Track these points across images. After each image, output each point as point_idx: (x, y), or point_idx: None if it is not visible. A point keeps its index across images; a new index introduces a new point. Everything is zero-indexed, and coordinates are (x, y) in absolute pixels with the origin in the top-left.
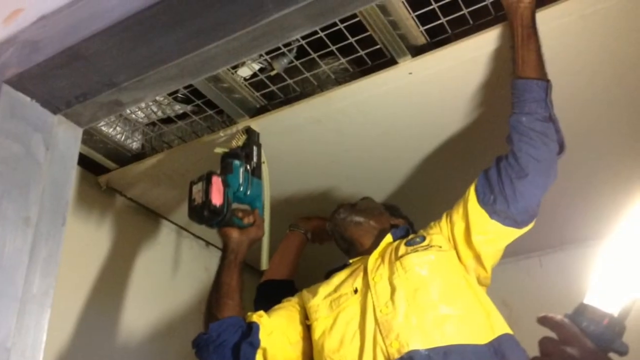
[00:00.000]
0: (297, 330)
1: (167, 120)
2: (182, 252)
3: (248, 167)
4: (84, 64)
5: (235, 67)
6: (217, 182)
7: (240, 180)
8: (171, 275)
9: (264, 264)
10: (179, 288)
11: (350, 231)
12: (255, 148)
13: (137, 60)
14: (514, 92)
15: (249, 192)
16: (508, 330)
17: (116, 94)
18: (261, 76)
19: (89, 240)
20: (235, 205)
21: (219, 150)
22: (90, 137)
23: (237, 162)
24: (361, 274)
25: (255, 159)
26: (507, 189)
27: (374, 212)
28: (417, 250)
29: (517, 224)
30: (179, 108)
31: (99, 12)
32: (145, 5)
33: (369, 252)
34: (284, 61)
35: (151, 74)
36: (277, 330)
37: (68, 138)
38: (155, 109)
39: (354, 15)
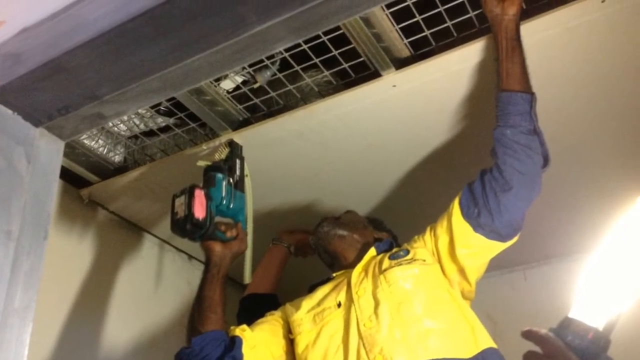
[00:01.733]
0: (280, 344)
1: (149, 133)
2: (164, 266)
3: (231, 180)
4: (66, 77)
5: (218, 80)
6: (199, 195)
7: (223, 194)
8: (154, 289)
9: (247, 278)
10: (161, 301)
11: (333, 245)
12: (238, 161)
13: (120, 72)
14: (498, 104)
15: (231, 205)
16: (492, 345)
17: (98, 106)
18: (244, 89)
19: (71, 254)
20: (218, 219)
21: (202, 163)
22: (73, 150)
23: (220, 175)
24: (345, 287)
25: (238, 172)
26: (491, 202)
27: (358, 226)
28: (401, 264)
29: (502, 238)
30: (161, 121)
31: (82, 25)
32: (128, 18)
33: (352, 265)
34: (267, 74)
35: (133, 86)
36: (260, 344)
37: (50, 151)
38: (137, 122)
39: (338, 28)
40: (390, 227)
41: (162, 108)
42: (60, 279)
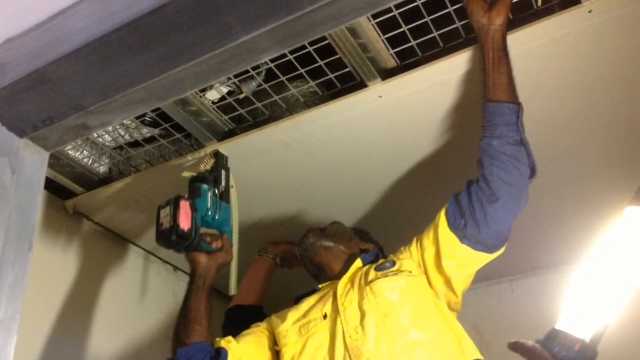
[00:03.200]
0: (266, 356)
1: (134, 144)
2: (150, 277)
3: (216, 191)
4: (51, 87)
5: (203, 91)
6: (185, 206)
7: (209, 205)
8: (139, 301)
9: (233, 289)
10: (146, 313)
11: (319, 256)
12: (223, 172)
13: (104, 83)
14: (485, 115)
15: (217, 217)
16: (479, 356)
17: (83, 117)
18: (230, 100)
19: (56, 265)
20: (203, 230)
21: (187, 174)
22: (57, 161)
23: (205, 186)
24: (331, 299)
25: (223, 183)
26: (478, 213)
27: (344, 237)
28: (387, 276)
29: (488, 249)
30: (146, 132)
31: (67, 35)
32: (112, 29)
33: (338, 277)
34: (253, 84)
35: (118, 97)
36: (245, 356)
37: (34, 162)
38: (122, 133)
39: (324, 39)
40: (377, 238)
41: (147, 119)
42: (45, 290)
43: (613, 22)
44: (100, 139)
